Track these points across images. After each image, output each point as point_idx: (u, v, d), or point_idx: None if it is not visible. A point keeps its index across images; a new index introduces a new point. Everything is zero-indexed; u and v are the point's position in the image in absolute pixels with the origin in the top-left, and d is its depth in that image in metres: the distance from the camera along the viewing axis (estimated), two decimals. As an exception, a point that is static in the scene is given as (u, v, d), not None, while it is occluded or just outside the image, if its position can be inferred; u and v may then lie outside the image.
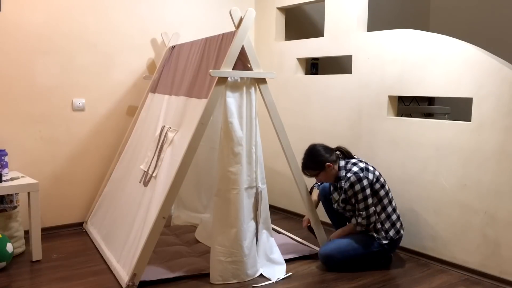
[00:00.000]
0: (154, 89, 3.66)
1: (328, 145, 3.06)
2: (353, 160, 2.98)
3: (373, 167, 2.99)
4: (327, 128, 3.79)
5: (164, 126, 3.08)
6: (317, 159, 2.96)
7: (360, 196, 2.86)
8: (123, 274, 2.65)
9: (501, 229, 2.73)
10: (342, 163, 2.97)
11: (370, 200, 2.87)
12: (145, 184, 2.94)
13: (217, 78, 2.61)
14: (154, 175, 2.87)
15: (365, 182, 2.86)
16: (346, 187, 2.90)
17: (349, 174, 2.89)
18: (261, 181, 2.83)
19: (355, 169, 2.89)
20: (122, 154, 3.66)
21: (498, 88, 2.72)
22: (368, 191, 2.86)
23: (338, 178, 2.97)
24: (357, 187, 2.85)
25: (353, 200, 2.91)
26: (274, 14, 4.26)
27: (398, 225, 2.97)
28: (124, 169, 3.49)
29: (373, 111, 3.43)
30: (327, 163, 2.93)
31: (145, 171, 3.03)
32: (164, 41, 3.88)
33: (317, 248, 3.16)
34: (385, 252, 2.97)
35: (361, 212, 2.88)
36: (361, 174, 2.86)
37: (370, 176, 2.90)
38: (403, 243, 3.26)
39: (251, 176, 2.77)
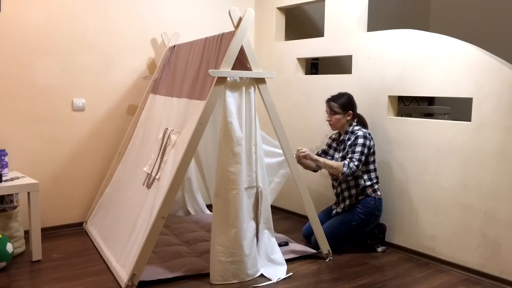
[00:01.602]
0: (155, 90, 3.66)
1: None
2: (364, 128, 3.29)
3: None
4: (327, 128, 3.78)
5: (167, 128, 3.07)
6: (349, 102, 3.29)
7: (359, 148, 3.12)
8: (123, 274, 2.65)
9: (501, 229, 2.73)
10: (354, 123, 3.30)
11: (363, 156, 3.13)
12: (148, 186, 2.93)
13: (216, 78, 2.61)
14: (157, 177, 2.86)
15: (367, 142, 3.16)
16: (351, 140, 3.20)
17: (358, 133, 3.19)
18: (262, 181, 2.83)
19: (363, 131, 3.21)
20: (122, 155, 3.66)
21: (498, 88, 2.72)
22: (366, 149, 3.14)
23: (345, 132, 3.30)
24: (361, 140, 3.15)
25: (351, 148, 3.17)
26: (274, 14, 4.26)
27: (376, 186, 3.26)
28: (125, 171, 3.49)
29: (373, 111, 3.43)
30: (351, 111, 3.28)
31: (148, 174, 3.02)
32: (164, 41, 3.88)
33: (313, 250, 3.18)
34: (365, 223, 3.20)
35: (353, 159, 3.11)
36: (368, 136, 3.19)
37: (370, 142, 3.19)
38: (403, 243, 3.26)
39: (251, 176, 2.76)
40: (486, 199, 2.79)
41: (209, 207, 4.09)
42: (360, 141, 3.13)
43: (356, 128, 3.24)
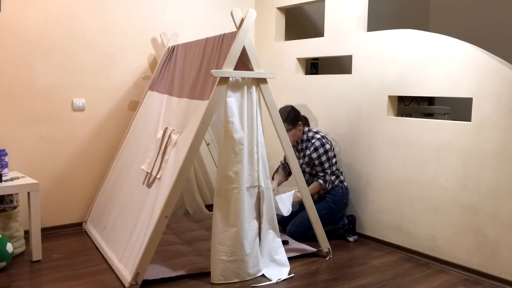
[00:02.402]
0: (152, 87, 3.66)
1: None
2: (314, 129, 3.56)
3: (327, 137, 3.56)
4: (327, 128, 3.79)
5: (167, 128, 3.07)
6: (294, 115, 3.47)
7: (323, 158, 3.42)
8: (126, 273, 2.65)
9: (501, 229, 2.74)
10: (306, 129, 3.55)
11: (329, 162, 3.43)
12: (149, 185, 2.93)
13: (218, 78, 2.62)
14: (158, 176, 2.86)
15: (327, 147, 3.44)
16: (310, 151, 3.44)
17: (313, 141, 3.45)
18: (264, 180, 2.83)
19: (318, 136, 3.47)
20: (119, 152, 3.66)
21: (498, 88, 2.72)
22: (329, 154, 3.43)
23: (301, 140, 3.54)
24: (321, 150, 3.42)
25: (316, 162, 3.43)
26: (274, 14, 4.26)
27: (341, 177, 3.54)
28: (122, 168, 3.48)
29: (373, 111, 3.43)
30: (299, 121, 3.50)
31: (148, 173, 3.02)
32: (163, 41, 3.88)
33: (313, 249, 3.19)
34: (334, 212, 3.47)
35: (325, 171, 3.44)
36: (324, 140, 3.45)
37: (328, 145, 3.46)
38: (403, 243, 3.27)
39: (253, 176, 2.77)
40: (486, 199, 2.80)
41: (208, 207, 4.10)
42: (321, 151, 3.41)
43: (310, 134, 3.50)
